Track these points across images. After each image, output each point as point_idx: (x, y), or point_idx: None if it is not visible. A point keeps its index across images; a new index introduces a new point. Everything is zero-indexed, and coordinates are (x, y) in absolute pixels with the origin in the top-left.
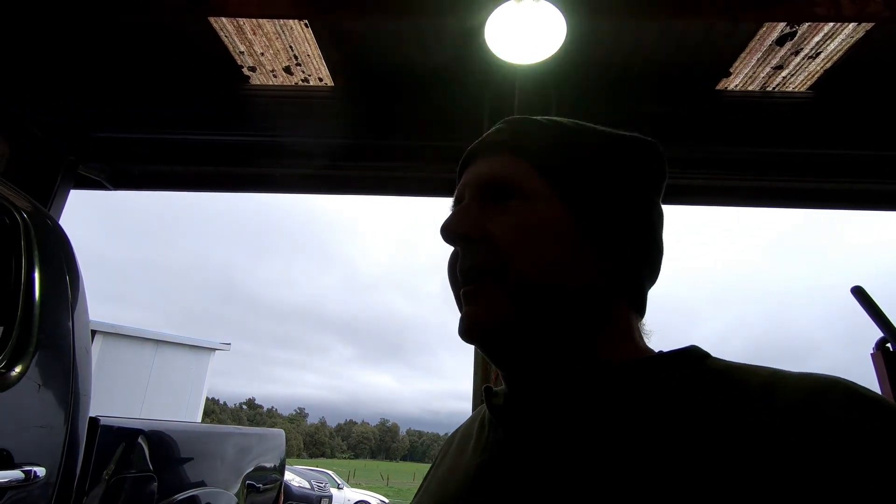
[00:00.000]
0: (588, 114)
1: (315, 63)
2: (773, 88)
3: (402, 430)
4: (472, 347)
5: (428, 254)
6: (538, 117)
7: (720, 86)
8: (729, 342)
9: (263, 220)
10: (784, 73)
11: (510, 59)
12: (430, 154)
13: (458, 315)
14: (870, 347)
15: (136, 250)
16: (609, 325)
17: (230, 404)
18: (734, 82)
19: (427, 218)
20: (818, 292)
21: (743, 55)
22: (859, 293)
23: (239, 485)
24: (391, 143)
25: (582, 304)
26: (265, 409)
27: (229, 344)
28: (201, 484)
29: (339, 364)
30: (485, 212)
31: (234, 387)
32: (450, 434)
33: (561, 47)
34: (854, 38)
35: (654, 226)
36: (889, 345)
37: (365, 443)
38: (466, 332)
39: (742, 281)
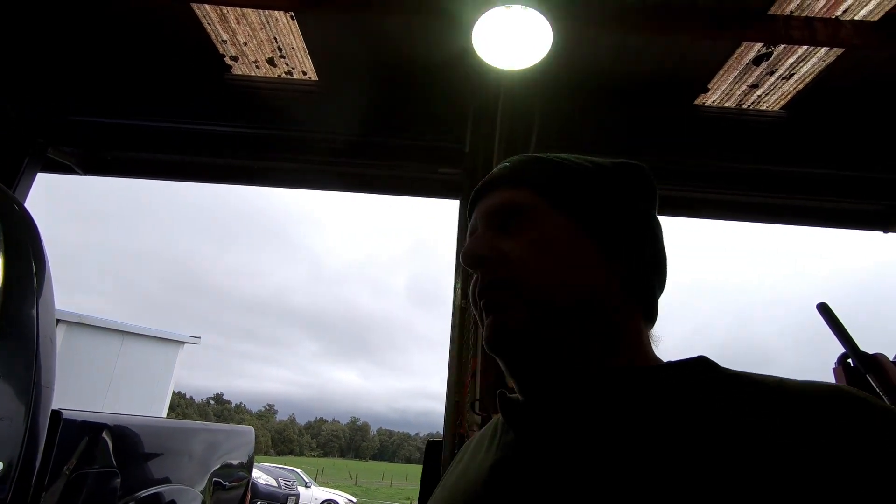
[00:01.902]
0: (569, 122)
1: (299, 56)
2: (748, 106)
3: (373, 429)
4: (441, 346)
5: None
6: (536, 154)
7: (698, 101)
8: (693, 347)
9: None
10: (759, 92)
11: (497, 64)
12: (413, 154)
13: (424, 318)
14: (824, 357)
15: (94, 235)
16: (622, 332)
17: (197, 399)
18: (712, 98)
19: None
20: (781, 305)
21: (721, 72)
22: (824, 310)
23: (206, 482)
24: (373, 141)
25: (594, 310)
26: (233, 404)
27: (199, 337)
28: (166, 481)
29: (306, 359)
30: (497, 237)
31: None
32: (465, 442)
33: (546, 56)
34: (825, 63)
35: (657, 236)
36: (850, 360)
37: (334, 441)
38: (490, 338)
39: (707, 289)
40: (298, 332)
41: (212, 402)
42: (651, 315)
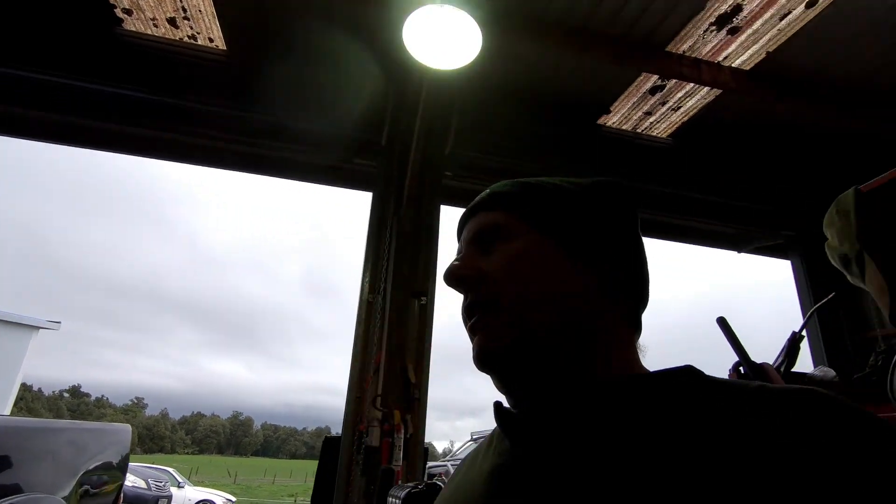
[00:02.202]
0: (486, 126)
1: (207, 21)
2: (642, 131)
3: (257, 424)
4: (334, 339)
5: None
6: (517, 179)
7: (601, 120)
8: None
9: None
10: (652, 119)
11: (424, 62)
12: (327, 141)
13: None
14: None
15: None
16: (607, 343)
17: (46, 391)
18: (612, 119)
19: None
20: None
21: (622, 97)
22: (722, 323)
23: (72, 487)
24: (284, 123)
25: (575, 322)
26: (93, 398)
27: (59, 322)
28: (16, 489)
29: (184, 349)
30: (477, 257)
31: (53, 371)
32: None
33: (472, 60)
34: (707, 100)
35: (634, 247)
36: (741, 368)
37: (213, 437)
38: (477, 359)
39: None
40: (174, 319)
41: (66, 394)
42: (636, 325)
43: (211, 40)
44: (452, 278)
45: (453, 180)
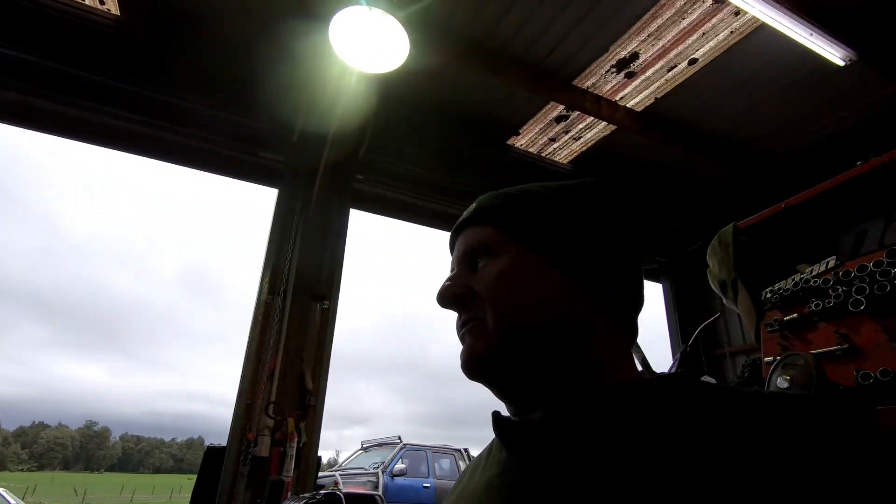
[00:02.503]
0: (402, 135)
1: None
2: (546, 155)
3: (115, 435)
4: (216, 342)
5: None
6: (503, 189)
7: (510, 141)
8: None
9: None
10: (555, 146)
11: (351, 63)
12: (232, 129)
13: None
14: None
15: None
16: (598, 350)
17: None
18: (521, 141)
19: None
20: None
21: (532, 121)
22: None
23: None
24: (178, 103)
25: (563, 332)
26: None
27: None
28: None
29: (25, 349)
30: (468, 275)
31: None
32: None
33: (398, 68)
34: (603, 134)
35: (623, 251)
36: None
37: (57, 450)
38: (465, 363)
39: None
40: (16, 312)
41: None
42: (631, 330)
43: (102, 3)
44: (444, 298)
45: (364, 184)
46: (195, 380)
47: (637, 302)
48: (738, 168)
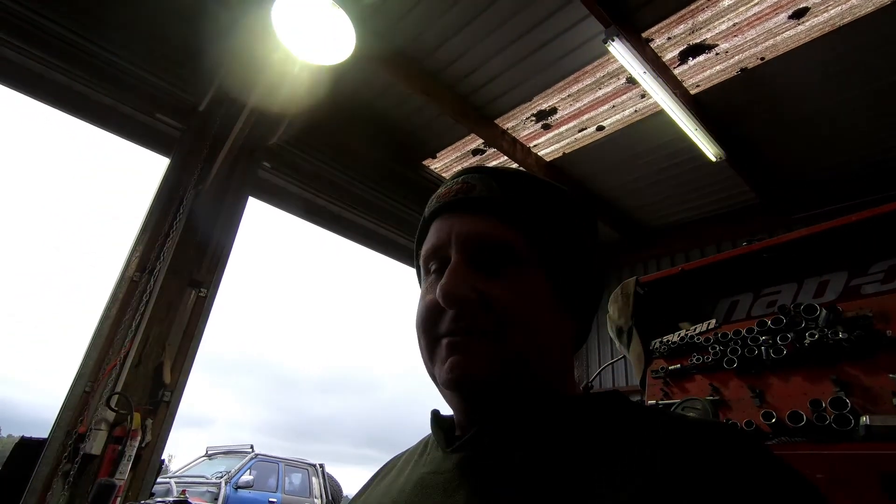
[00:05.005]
0: (319, 129)
1: None
2: None
3: None
4: (22, 316)
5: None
6: (506, 169)
7: (426, 162)
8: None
9: None
10: None
11: (285, 43)
12: (130, 82)
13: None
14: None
15: None
16: (568, 370)
17: None
18: (436, 164)
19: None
20: None
21: (450, 148)
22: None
23: None
24: (66, 36)
25: (553, 359)
26: None
27: None
28: None
29: None
30: (478, 275)
31: None
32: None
33: (332, 65)
34: None
35: (602, 276)
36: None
37: None
38: (455, 381)
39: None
40: None
41: None
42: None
43: None
44: (452, 299)
45: (269, 172)
46: None
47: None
48: (619, 230)
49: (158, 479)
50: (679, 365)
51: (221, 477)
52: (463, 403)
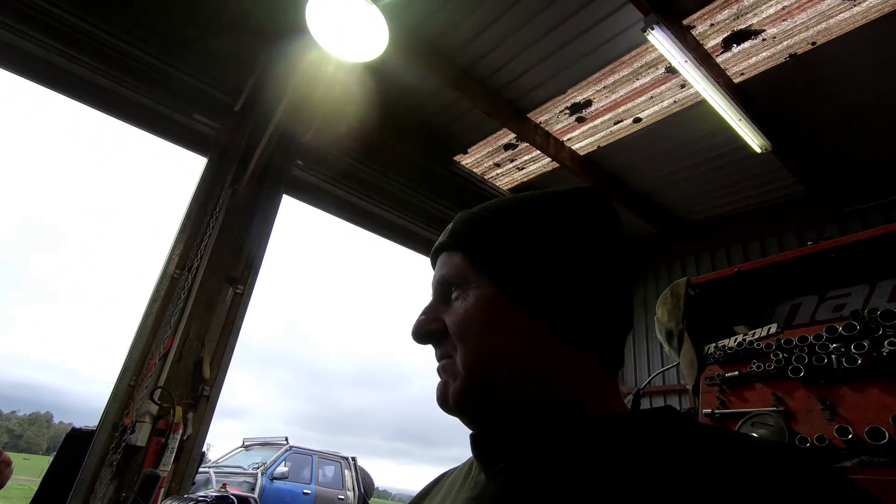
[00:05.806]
0: (350, 126)
1: None
2: (488, 179)
3: None
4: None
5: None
6: (480, 208)
7: (457, 157)
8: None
9: None
10: (498, 171)
11: (320, 41)
12: (168, 83)
13: None
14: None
15: None
16: (572, 383)
17: None
18: (467, 160)
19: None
20: None
21: (481, 143)
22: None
23: None
24: (111, 43)
25: (533, 372)
26: None
27: None
28: None
29: None
30: (441, 308)
31: None
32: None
33: (371, 61)
34: (545, 170)
35: (603, 275)
36: None
37: None
38: (437, 400)
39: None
40: None
41: None
42: (613, 356)
43: None
44: (417, 334)
45: (302, 170)
46: (37, 342)
47: (620, 326)
48: (654, 224)
49: (201, 469)
50: (737, 372)
51: (258, 468)
52: (464, 422)
